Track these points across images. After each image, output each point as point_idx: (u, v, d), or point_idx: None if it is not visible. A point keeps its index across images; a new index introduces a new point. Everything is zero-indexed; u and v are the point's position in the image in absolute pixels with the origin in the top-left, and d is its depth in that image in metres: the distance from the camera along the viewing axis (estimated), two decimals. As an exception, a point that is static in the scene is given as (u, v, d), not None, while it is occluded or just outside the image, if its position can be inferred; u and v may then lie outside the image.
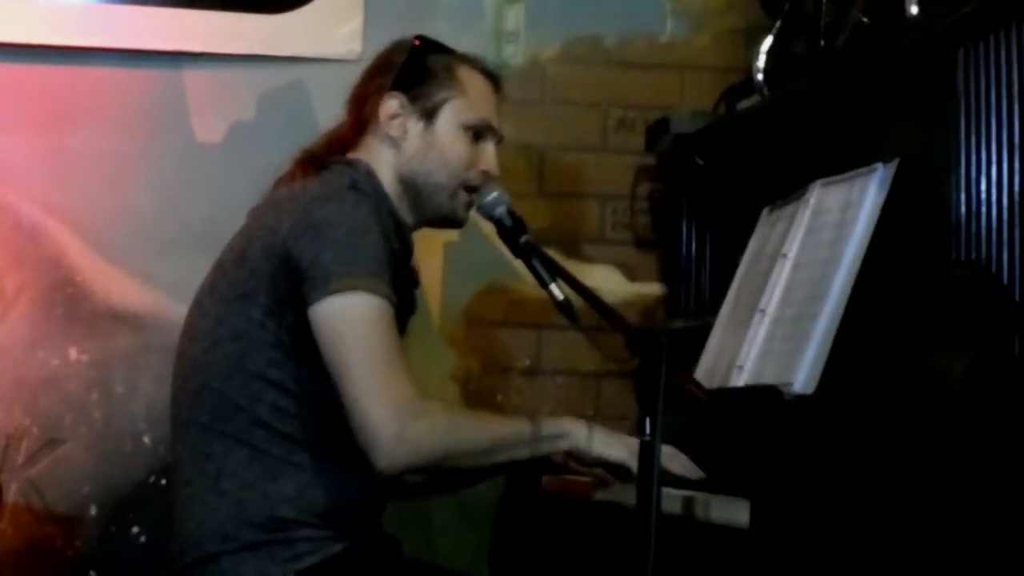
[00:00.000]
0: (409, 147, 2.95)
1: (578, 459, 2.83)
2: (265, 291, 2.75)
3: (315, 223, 2.72)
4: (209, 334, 2.80)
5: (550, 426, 2.77)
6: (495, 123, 3.01)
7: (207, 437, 2.77)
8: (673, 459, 2.76)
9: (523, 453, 2.76)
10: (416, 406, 2.64)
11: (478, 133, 2.98)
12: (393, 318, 2.70)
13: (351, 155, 2.97)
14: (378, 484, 2.74)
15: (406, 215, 2.97)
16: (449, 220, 3.03)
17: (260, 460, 2.74)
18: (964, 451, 2.48)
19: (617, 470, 2.78)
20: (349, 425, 2.64)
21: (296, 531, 2.72)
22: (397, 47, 3.03)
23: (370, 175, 2.92)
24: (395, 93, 2.95)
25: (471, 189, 2.96)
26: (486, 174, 2.97)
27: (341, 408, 2.65)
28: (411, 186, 2.95)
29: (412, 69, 2.96)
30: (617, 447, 2.77)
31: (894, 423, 2.59)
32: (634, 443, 2.70)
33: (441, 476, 3.03)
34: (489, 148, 2.99)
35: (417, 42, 3.01)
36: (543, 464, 3.02)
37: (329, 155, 2.98)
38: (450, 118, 2.96)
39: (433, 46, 3.01)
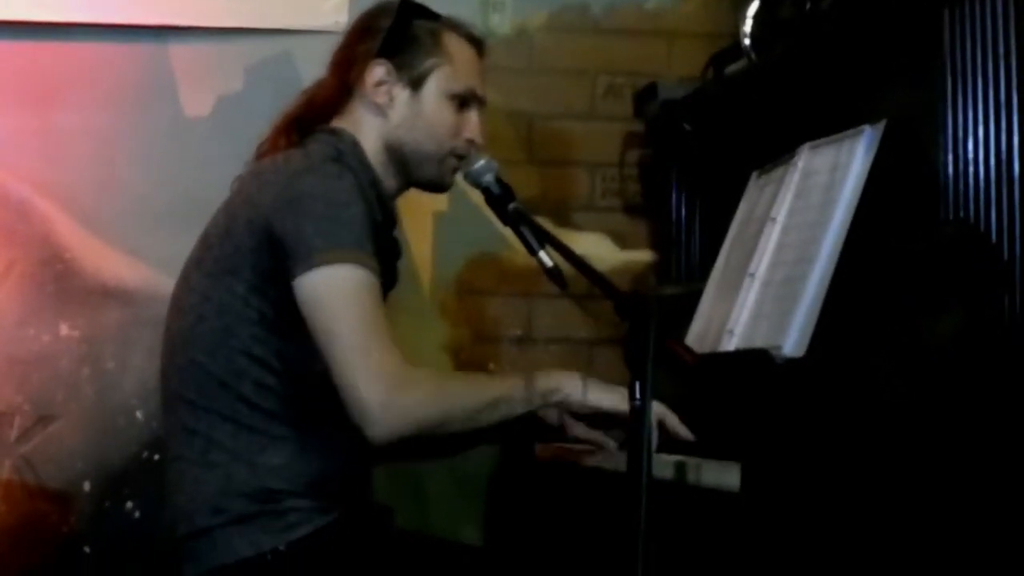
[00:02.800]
0: (395, 115, 2.95)
1: (571, 412, 2.82)
2: (249, 266, 2.74)
3: (296, 196, 2.71)
4: (195, 309, 2.80)
5: (543, 381, 2.76)
6: (480, 90, 3.01)
7: (194, 412, 2.78)
8: (665, 416, 2.74)
9: (517, 410, 2.74)
10: (404, 374, 2.64)
11: (463, 101, 2.98)
12: (378, 288, 2.70)
13: (336, 122, 2.97)
14: (365, 454, 2.73)
15: (391, 182, 2.97)
16: (435, 186, 3.03)
17: (245, 434, 2.75)
18: (954, 412, 2.48)
19: (613, 420, 2.78)
20: (337, 397, 2.64)
21: (286, 502, 2.73)
22: (382, 10, 3.01)
23: (355, 145, 2.91)
24: (381, 60, 2.94)
25: (458, 157, 2.96)
26: (471, 143, 2.97)
27: (325, 382, 2.65)
28: (398, 154, 2.95)
29: (398, 35, 2.95)
30: (609, 396, 2.76)
31: (884, 385, 2.59)
32: (626, 392, 2.71)
33: (436, 439, 3.04)
34: (473, 116, 2.99)
35: (402, 6, 2.99)
36: (537, 431, 3.02)
37: (312, 121, 2.98)
38: (436, 86, 2.96)
39: (418, 10, 3.00)
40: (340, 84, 2.99)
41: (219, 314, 2.77)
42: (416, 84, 2.95)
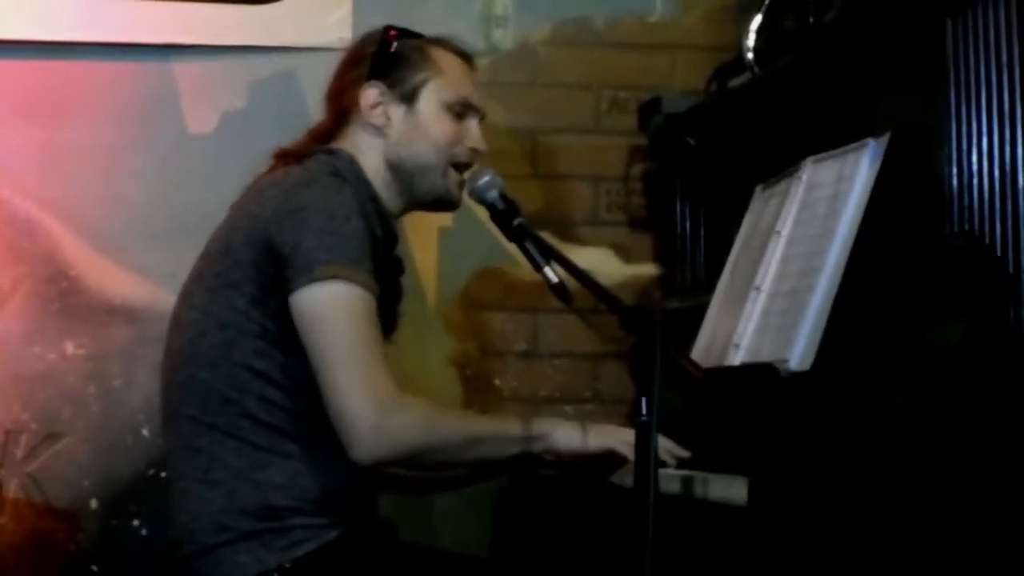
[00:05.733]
0: (394, 133, 2.96)
1: (559, 457, 2.84)
2: (249, 280, 2.75)
3: (296, 209, 2.72)
4: (196, 325, 2.81)
5: (536, 426, 2.79)
6: (475, 100, 3.02)
7: (196, 429, 2.78)
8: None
9: (506, 451, 2.79)
10: (394, 400, 2.66)
11: (460, 111, 2.99)
12: (374, 308, 2.71)
13: (333, 145, 2.98)
14: (369, 470, 2.73)
15: (394, 201, 2.98)
16: (444, 201, 3.03)
17: (248, 450, 2.75)
18: (960, 424, 2.48)
19: (609, 460, 2.80)
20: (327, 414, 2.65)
21: (290, 519, 2.73)
22: (367, 39, 3.05)
23: (352, 162, 2.92)
24: (373, 82, 2.96)
25: (461, 167, 2.97)
26: (474, 151, 2.98)
27: None
28: (400, 170, 2.96)
29: (385, 56, 2.97)
30: (598, 438, 2.80)
31: (890, 397, 2.58)
32: (620, 431, 2.77)
33: (441, 474, 3.08)
34: (473, 125, 3.01)
35: (387, 30, 3.01)
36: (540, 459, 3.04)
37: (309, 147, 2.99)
38: (430, 99, 2.97)
39: (402, 32, 3.02)
40: (335, 113, 3.02)
41: (220, 328, 2.77)
42: (409, 99, 2.97)
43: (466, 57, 3.05)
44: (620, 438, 2.77)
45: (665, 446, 2.77)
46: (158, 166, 3.94)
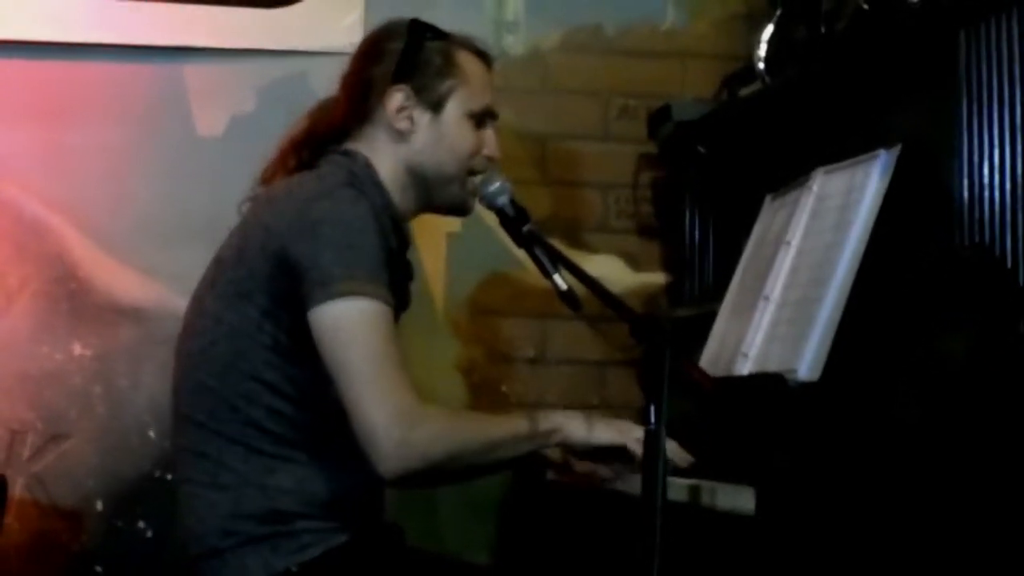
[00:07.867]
0: (418, 139, 2.94)
1: (573, 451, 2.85)
2: (263, 291, 2.73)
3: (312, 223, 2.70)
4: (207, 332, 2.80)
5: (545, 421, 2.78)
6: (494, 106, 3.01)
7: (203, 435, 2.78)
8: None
9: (522, 450, 2.78)
10: (418, 412, 2.64)
11: (480, 119, 2.98)
12: (392, 322, 2.69)
13: (349, 145, 2.96)
14: (376, 474, 2.73)
15: (409, 205, 2.96)
16: (458, 208, 3.03)
17: (255, 457, 2.75)
18: (967, 434, 2.48)
19: (617, 455, 2.80)
20: (350, 429, 2.64)
21: (297, 523, 2.72)
22: (390, 32, 3.01)
23: (368, 167, 2.90)
24: (400, 86, 2.93)
25: (475, 174, 2.96)
26: (490, 159, 2.97)
27: (336, 406, 2.65)
28: (420, 177, 2.95)
29: (411, 58, 2.95)
30: (608, 431, 2.80)
31: (898, 407, 2.58)
32: (627, 426, 2.77)
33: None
34: (491, 133, 3.00)
35: (411, 27, 2.99)
36: (546, 463, 3.04)
37: (321, 143, 2.97)
38: (456, 108, 2.95)
39: (427, 30, 2.99)
40: (355, 109, 2.97)
41: (231, 338, 2.76)
42: (436, 107, 2.94)
43: (487, 59, 3.04)
44: (629, 433, 2.77)
45: (670, 449, 2.76)
46: (167, 168, 3.93)
